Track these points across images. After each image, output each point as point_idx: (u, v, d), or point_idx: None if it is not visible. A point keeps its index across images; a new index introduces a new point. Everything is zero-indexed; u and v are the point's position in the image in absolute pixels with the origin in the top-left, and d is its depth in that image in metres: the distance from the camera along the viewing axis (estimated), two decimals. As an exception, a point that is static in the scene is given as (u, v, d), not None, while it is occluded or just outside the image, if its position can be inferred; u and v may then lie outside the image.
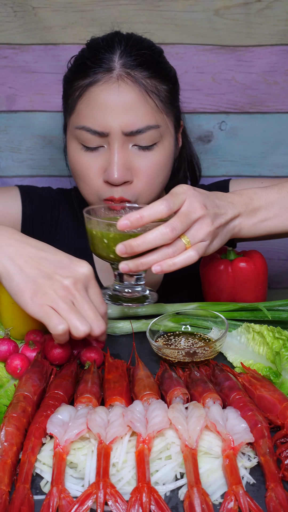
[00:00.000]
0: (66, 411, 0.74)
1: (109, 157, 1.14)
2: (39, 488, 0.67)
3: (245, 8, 1.49)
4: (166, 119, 1.19)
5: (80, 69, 1.19)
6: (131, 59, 1.14)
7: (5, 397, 0.84)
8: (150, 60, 1.17)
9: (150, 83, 1.15)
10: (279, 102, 1.59)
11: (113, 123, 1.12)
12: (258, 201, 1.01)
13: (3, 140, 1.60)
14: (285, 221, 1.02)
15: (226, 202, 0.96)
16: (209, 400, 0.78)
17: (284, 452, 0.70)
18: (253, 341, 0.96)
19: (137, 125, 1.12)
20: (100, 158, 1.16)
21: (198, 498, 0.62)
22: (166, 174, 1.22)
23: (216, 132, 1.63)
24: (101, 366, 0.95)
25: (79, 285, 0.85)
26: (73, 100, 1.19)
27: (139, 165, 1.15)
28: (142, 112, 1.13)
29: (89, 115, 1.15)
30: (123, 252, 0.85)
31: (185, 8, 1.49)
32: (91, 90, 1.15)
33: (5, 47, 1.51)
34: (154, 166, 1.16)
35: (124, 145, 1.14)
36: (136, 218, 0.84)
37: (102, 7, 1.48)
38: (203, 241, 0.90)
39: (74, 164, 1.21)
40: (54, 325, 0.80)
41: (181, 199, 0.88)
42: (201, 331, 1.03)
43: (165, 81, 1.19)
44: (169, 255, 0.86)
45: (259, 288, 1.14)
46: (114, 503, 0.62)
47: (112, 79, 1.13)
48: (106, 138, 1.14)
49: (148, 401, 0.78)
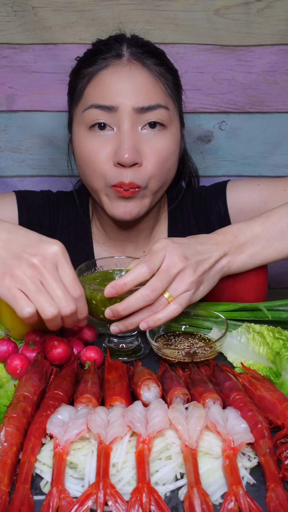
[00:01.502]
0: (66, 411, 0.74)
1: (119, 139, 1.13)
2: (39, 488, 0.67)
3: (245, 8, 1.49)
4: (173, 106, 1.20)
5: (88, 58, 1.20)
6: (138, 49, 1.18)
7: (5, 397, 0.84)
8: (155, 51, 1.21)
9: (158, 69, 1.17)
10: (279, 102, 1.59)
11: (123, 99, 1.12)
12: (243, 237, 1.02)
13: (3, 140, 1.60)
14: (274, 253, 1.04)
15: (210, 245, 0.99)
16: (209, 400, 0.78)
17: (284, 452, 0.70)
18: (253, 341, 0.96)
19: (148, 102, 1.13)
20: (109, 141, 1.14)
21: (198, 499, 0.62)
22: (173, 162, 1.21)
23: (216, 132, 1.63)
24: (101, 366, 0.95)
25: (47, 264, 0.84)
26: (81, 86, 1.19)
27: (148, 148, 1.14)
28: (153, 91, 1.14)
29: (98, 93, 1.14)
30: (110, 316, 0.91)
31: (185, 8, 1.49)
32: (100, 74, 1.15)
33: (5, 47, 1.51)
34: (163, 149, 1.16)
35: (134, 126, 1.13)
36: (121, 285, 0.88)
37: (102, 7, 1.48)
38: (186, 291, 0.92)
39: (81, 149, 1.18)
40: (21, 308, 0.81)
41: (161, 257, 0.91)
42: (201, 331, 1.03)
43: (171, 71, 1.22)
44: (153, 312, 0.91)
45: (259, 288, 1.14)
46: (114, 503, 0.62)
47: (122, 63, 1.15)
48: (115, 116, 1.13)
49: (148, 386, 0.79)
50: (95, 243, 1.36)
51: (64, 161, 1.61)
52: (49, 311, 0.81)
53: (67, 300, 0.84)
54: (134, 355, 0.97)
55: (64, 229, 1.37)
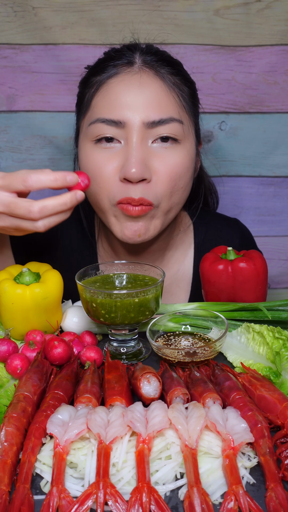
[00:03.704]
0: (66, 411, 0.74)
1: (126, 153, 1.04)
2: (39, 488, 0.67)
3: (245, 8, 1.49)
4: (188, 120, 1.12)
5: (97, 65, 1.13)
6: (151, 56, 1.10)
7: (5, 397, 0.84)
8: (170, 60, 1.13)
9: (172, 79, 1.09)
10: (279, 102, 1.59)
11: (131, 114, 1.04)
12: None
13: (3, 140, 1.60)
14: None
15: None
16: (209, 400, 0.78)
17: (284, 452, 0.70)
18: (253, 341, 0.96)
19: (160, 115, 1.04)
20: (116, 155, 1.06)
21: (198, 498, 0.62)
22: (187, 181, 1.12)
23: (216, 132, 1.63)
24: (101, 366, 0.95)
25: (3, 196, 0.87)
26: (89, 96, 1.11)
27: (159, 163, 1.06)
28: (166, 103, 1.06)
29: (105, 106, 1.07)
30: None
31: (185, 8, 1.49)
32: (109, 83, 1.08)
33: (5, 47, 1.51)
34: (175, 166, 1.07)
35: (144, 140, 1.05)
36: None
37: (102, 7, 1.48)
38: None
39: (86, 163, 1.10)
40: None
41: None
42: (201, 331, 1.03)
43: (187, 82, 1.14)
44: None
45: (259, 288, 1.14)
46: (114, 503, 0.62)
47: (133, 71, 1.07)
48: (123, 131, 1.05)
49: (148, 380, 0.79)
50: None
51: (64, 161, 1.61)
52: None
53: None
54: (135, 358, 0.97)
55: (65, 232, 1.33)
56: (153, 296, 0.93)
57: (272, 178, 1.67)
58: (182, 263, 1.34)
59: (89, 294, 0.92)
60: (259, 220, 1.72)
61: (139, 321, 0.94)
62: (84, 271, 1.01)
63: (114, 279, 1.02)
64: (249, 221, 1.68)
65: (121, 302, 0.90)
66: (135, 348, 0.99)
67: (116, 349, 0.98)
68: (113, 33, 1.49)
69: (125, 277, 1.03)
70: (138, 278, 1.02)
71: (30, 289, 0.97)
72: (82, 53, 1.50)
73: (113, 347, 0.99)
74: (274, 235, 1.74)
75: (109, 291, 0.94)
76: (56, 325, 1.02)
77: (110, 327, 0.97)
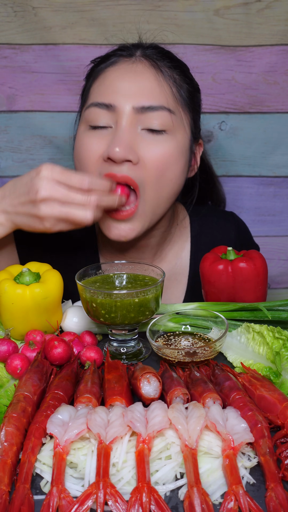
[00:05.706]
0: (66, 411, 0.74)
1: (114, 134, 1.06)
2: (39, 488, 0.67)
3: (245, 8, 1.49)
4: (181, 113, 1.13)
5: (102, 58, 1.18)
6: (152, 50, 1.14)
7: (5, 397, 0.84)
8: (173, 57, 1.16)
9: (169, 72, 1.12)
10: (279, 102, 1.59)
11: (122, 98, 1.06)
12: None
13: (3, 140, 1.60)
14: None
15: None
16: (209, 400, 0.78)
17: (284, 452, 0.70)
18: (253, 341, 0.96)
19: (150, 102, 1.07)
20: (104, 138, 1.08)
21: (198, 498, 0.62)
22: (176, 174, 1.13)
23: (216, 132, 1.63)
24: (101, 366, 0.95)
25: (53, 185, 0.96)
26: (89, 84, 1.17)
27: (147, 150, 1.07)
28: (158, 91, 1.08)
29: (100, 91, 1.11)
30: None
31: (185, 8, 1.49)
32: (106, 71, 1.13)
33: (5, 47, 1.51)
34: (163, 154, 1.08)
35: (133, 125, 1.07)
36: None
37: (102, 7, 1.48)
38: None
39: (76, 147, 1.13)
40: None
41: None
42: (201, 331, 1.03)
43: (186, 79, 1.16)
44: None
45: (259, 288, 1.14)
46: (114, 503, 0.62)
47: (130, 61, 1.12)
48: (114, 114, 1.08)
49: (148, 380, 0.79)
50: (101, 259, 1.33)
51: (64, 161, 1.61)
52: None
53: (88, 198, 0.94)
54: (135, 358, 0.97)
55: (68, 248, 1.33)
56: (153, 296, 0.93)
57: (272, 178, 1.67)
58: (179, 257, 1.36)
59: (89, 294, 0.92)
60: (259, 220, 1.72)
61: (139, 321, 0.94)
62: (84, 271, 1.02)
63: (114, 279, 1.03)
64: (249, 221, 1.68)
65: (121, 302, 0.90)
66: (135, 348, 0.99)
67: (116, 349, 0.98)
68: (113, 33, 1.49)
69: (125, 277, 1.03)
70: (138, 278, 1.02)
71: (30, 289, 0.97)
72: (82, 53, 1.51)
73: (113, 347, 0.99)
74: (274, 235, 1.74)
75: (109, 291, 0.94)
76: (56, 325, 1.02)
77: (110, 327, 0.97)
